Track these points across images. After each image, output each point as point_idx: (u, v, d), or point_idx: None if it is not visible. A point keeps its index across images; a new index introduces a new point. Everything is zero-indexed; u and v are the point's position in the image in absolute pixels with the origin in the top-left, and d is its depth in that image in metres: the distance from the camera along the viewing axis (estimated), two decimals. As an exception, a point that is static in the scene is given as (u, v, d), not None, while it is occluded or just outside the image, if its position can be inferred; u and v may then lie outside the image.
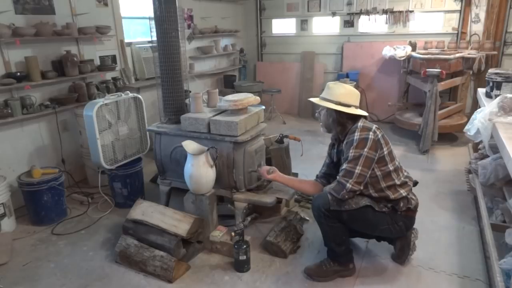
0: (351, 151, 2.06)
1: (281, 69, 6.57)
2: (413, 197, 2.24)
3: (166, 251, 2.37)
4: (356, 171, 2.04)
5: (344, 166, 2.09)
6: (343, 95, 2.16)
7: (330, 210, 2.13)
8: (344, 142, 2.16)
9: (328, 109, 2.20)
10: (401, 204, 2.16)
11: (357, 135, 2.07)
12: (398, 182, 2.14)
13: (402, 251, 2.37)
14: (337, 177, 2.13)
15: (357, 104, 2.20)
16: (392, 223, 2.19)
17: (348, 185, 2.05)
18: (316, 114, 2.32)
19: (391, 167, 2.12)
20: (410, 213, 2.23)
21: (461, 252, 2.52)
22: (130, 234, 2.56)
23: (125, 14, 4.39)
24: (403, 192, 2.16)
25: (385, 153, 2.10)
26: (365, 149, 2.04)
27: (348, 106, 2.14)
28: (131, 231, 2.57)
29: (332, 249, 2.30)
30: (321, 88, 6.25)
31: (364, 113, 2.20)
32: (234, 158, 2.62)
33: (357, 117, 2.17)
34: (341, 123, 2.18)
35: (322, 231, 2.29)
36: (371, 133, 2.07)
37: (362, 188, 2.09)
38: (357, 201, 2.12)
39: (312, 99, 2.31)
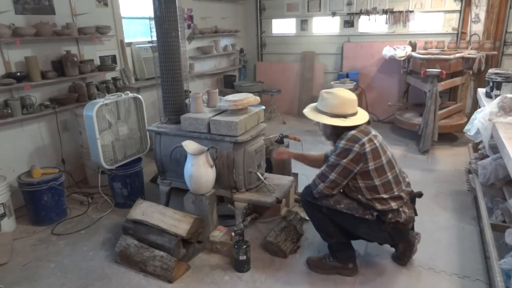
0: (333, 156, 2.08)
1: (281, 69, 6.57)
2: (406, 210, 2.13)
3: (166, 251, 2.37)
4: (331, 177, 2.06)
5: (323, 167, 2.11)
6: (338, 106, 2.12)
7: (311, 201, 2.21)
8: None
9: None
10: (389, 216, 2.07)
11: (342, 144, 2.05)
12: (385, 196, 2.05)
13: (404, 255, 2.37)
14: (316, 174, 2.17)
15: (354, 110, 2.16)
16: (376, 230, 2.14)
17: (320, 187, 2.10)
18: (314, 122, 2.25)
19: (377, 182, 2.04)
20: (399, 226, 2.12)
21: (461, 252, 2.52)
22: (130, 234, 2.56)
23: (125, 14, 4.39)
24: (394, 205, 2.06)
25: (370, 168, 2.02)
26: (344, 160, 2.02)
27: (344, 116, 2.11)
28: (131, 231, 2.57)
29: (325, 240, 2.35)
30: (321, 88, 6.22)
31: (361, 120, 2.13)
32: (234, 158, 2.62)
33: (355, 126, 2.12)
34: (338, 134, 2.13)
35: (312, 222, 2.38)
36: (357, 145, 2.01)
37: (334, 192, 2.11)
38: (338, 200, 2.14)
39: (306, 113, 2.23)
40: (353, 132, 2.07)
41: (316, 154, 2.56)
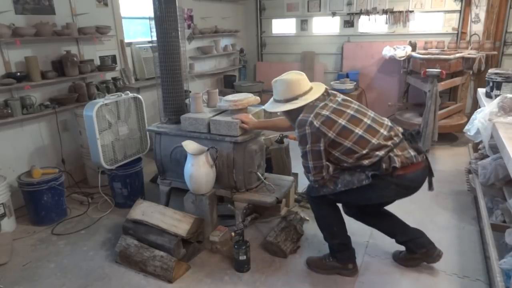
0: (299, 147, 2.08)
1: (281, 69, 6.48)
2: (399, 153, 1.98)
3: (166, 251, 2.37)
4: (310, 165, 2.05)
5: (302, 161, 2.11)
6: (287, 90, 2.11)
7: (315, 197, 2.20)
8: None
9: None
10: (384, 166, 1.95)
11: (296, 133, 2.05)
12: (365, 151, 1.97)
13: (415, 260, 2.35)
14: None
15: (305, 88, 2.10)
16: (382, 189, 2.03)
17: (311, 178, 2.11)
18: (279, 113, 2.27)
19: (348, 144, 1.98)
20: (400, 172, 1.98)
21: (461, 252, 2.52)
22: (130, 234, 2.56)
23: (125, 14, 4.39)
24: (379, 153, 1.96)
25: (332, 136, 1.97)
26: (308, 145, 2.01)
27: (296, 98, 2.09)
28: (131, 231, 2.57)
29: (327, 241, 2.34)
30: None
31: (313, 96, 2.07)
32: (234, 158, 2.62)
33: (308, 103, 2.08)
34: (295, 116, 2.10)
35: (316, 221, 2.35)
36: (306, 127, 1.98)
37: (324, 174, 2.07)
38: (334, 181, 2.11)
39: (266, 108, 2.26)
40: (299, 117, 2.04)
41: (277, 119, 2.58)
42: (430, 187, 2.19)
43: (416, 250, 2.32)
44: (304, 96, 2.09)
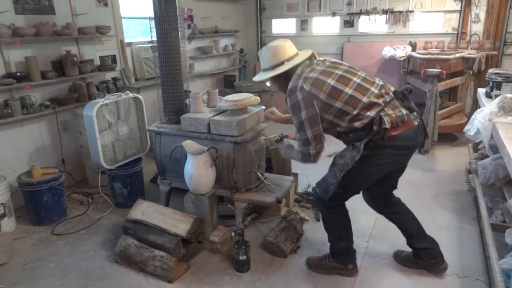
0: (293, 119, 2.01)
1: (281, 69, 6.56)
2: (390, 112, 1.91)
3: (166, 251, 2.37)
4: (309, 135, 1.96)
5: (298, 136, 2.03)
6: (273, 57, 2.08)
7: (328, 200, 2.13)
8: None
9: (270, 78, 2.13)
10: (375, 129, 1.88)
11: (288, 102, 1.98)
12: (356, 112, 1.90)
13: (419, 265, 2.33)
14: (298, 147, 2.08)
15: (290, 53, 2.08)
16: (378, 157, 1.94)
17: (312, 151, 1.99)
18: (268, 84, 2.23)
19: (339, 105, 1.91)
20: (390, 133, 1.89)
21: (461, 252, 2.52)
22: (130, 234, 2.56)
23: (125, 14, 4.39)
24: (370, 113, 1.89)
25: (323, 98, 1.91)
26: (302, 113, 1.93)
27: (282, 63, 2.06)
28: (131, 231, 2.57)
29: (332, 244, 2.32)
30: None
31: (299, 59, 2.06)
32: (234, 158, 2.62)
33: (295, 69, 2.04)
34: (284, 83, 2.07)
35: (324, 224, 2.31)
36: (297, 93, 1.93)
37: (324, 142, 2.01)
38: (333, 173, 2.06)
39: (254, 79, 2.24)
40: (289, 86, 1.99)
41: None
42: (422, 147, 2.13)
43: (425, 259, 2.31)
44: (290, 60, 2.07)
